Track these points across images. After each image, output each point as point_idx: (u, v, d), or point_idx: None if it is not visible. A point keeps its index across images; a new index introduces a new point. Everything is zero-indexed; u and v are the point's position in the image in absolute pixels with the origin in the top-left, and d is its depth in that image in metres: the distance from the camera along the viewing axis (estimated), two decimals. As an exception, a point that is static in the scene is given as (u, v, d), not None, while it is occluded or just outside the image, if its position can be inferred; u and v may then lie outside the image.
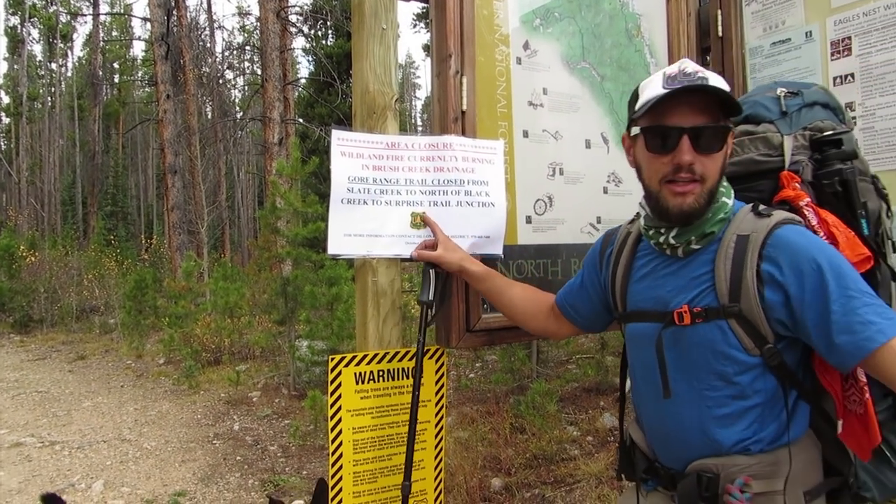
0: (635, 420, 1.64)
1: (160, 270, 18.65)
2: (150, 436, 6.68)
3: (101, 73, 33.54)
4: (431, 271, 1.83)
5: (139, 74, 39.32)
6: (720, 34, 2.45)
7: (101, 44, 33.21)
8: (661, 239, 1.43)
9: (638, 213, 1.56)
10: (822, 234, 1.38)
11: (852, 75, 2.08)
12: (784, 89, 1.63)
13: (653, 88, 1.35)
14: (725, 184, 1.42)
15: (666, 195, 1.36)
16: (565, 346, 7.55)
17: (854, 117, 2.07)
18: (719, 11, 2.45)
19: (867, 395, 1.32)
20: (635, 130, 1.41)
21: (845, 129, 1.56)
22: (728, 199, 1.40)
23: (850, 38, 2.08)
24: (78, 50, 43.16)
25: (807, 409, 1.43)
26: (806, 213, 1.43)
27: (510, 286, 1.84)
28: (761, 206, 1.40)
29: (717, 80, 1.33)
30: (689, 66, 1.34)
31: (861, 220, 1.47)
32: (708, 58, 2.54)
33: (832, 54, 2.13)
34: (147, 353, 11.73)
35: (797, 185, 1.49)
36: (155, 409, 7.80)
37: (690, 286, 1.41)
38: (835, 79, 2.12)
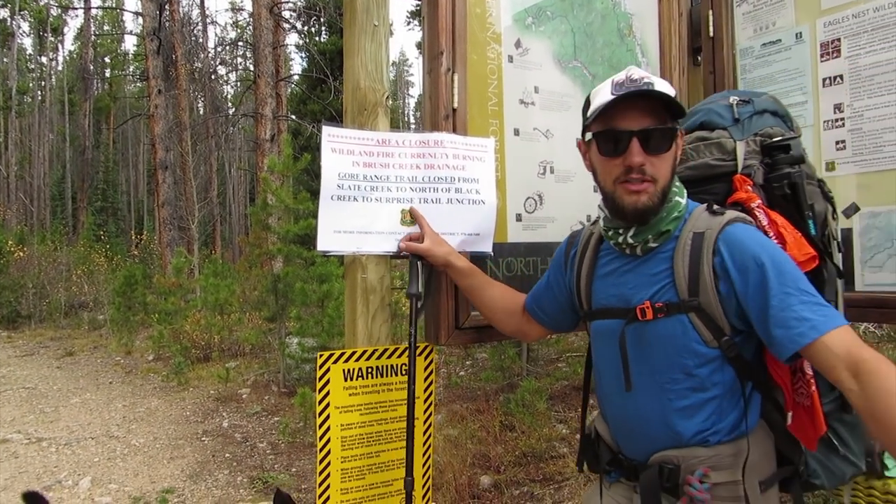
0: (600, 414, 1.69)
1: (150, 266, 18.56)
2: (139, 432, 6.65)
3: (91, 67, 33.29)
4: (419, 264, 1.83)
5: (130, 69, 39.06)
6: (711, 34, 2.46)
7: (93, 38, 32.94)
8: (620, 239, 1.50)
9: (599, 215, 1.62)
10: (771, 234, 1.45)
11: (841, 77, 2.09)
12: (737, 97, 1.71)
13: (602, 95, 1.42)
14: (678, 184, 1.49)
15: (621, 194, 1.43)
16: (555, 345, 7.57)
17: (842, 118, 2.08)
18: (710, 12, 2.46)
19: (813, 388, 1.39)
20: (588, 136, 1.48)
21: (793, 135, 1.64)
22: (681, 199, 1.47)
23: (839, 39, 2.09)
24: (69, 44, 42.91)
25: (760, 401, 1.49)
26: (757, 214, 1.50)
27: (491, 285, 1.87)
28: (715, 206, 1.46)
29: (662, 85, 1.39)
30: (636, 72, 1.41)
31: (808, 221, 1.55)
32: (699, 58, 2.55)
33: (822, 56, 2.14)
34: (136, 349, 11.68)
35: (749, 187, 1.58)
36: (144, 405, 7.77)
37: (651, 283, 1.47)
38: (824, 80, 2.13)
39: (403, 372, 1.95)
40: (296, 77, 23.80)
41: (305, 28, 24.24)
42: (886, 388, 1.15)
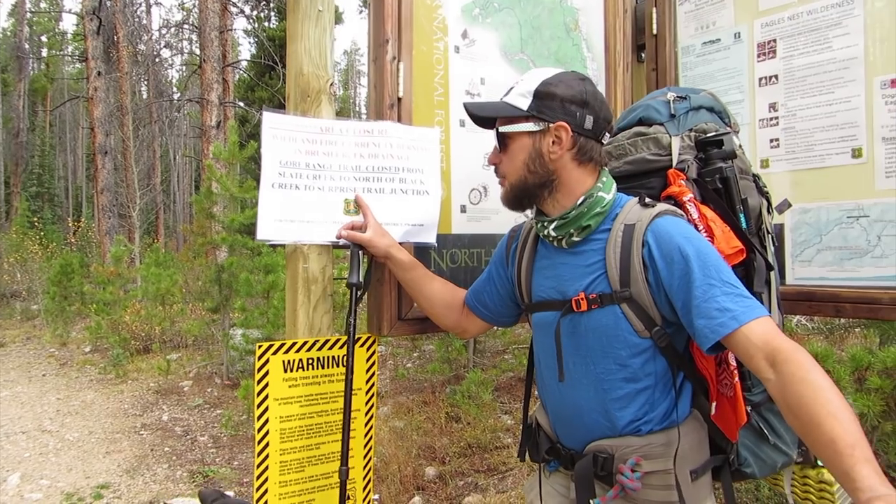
0: (541, 405, 1.73)
1: (88, 255, 17.98)
2: (73, 426, 6.43)
3: (27, 46, 31.89)
4: (359, 253, 1.81)
5: (69, 49, 37.58)
6: (655, 32, 2.50)
7: (28, 15, 31.56)
8: (545, 232, 1.54)
9: None
10: (700, 227, 1.49)
11: (776, 77, 2.15)
12: (674, 94, 1.75)
13: None
14: (605, 179, 1.53)
15: None
16: (502, 337, 7.63)
17: (777, 117, 2.15)
18: (654, 9, 2.50)
19: (736, 379, 1.43)
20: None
21: (726, 131, 1.68)
22: (605, 194, 1.51)
23: (775, 40, 2.16)
24: (2, 20, 40.96)
25: (692, 391, 1.53)
26: (688, 207, 1.54)
27: (431, 279, 1.88)
28: (647, 199, 1.50)
29: (517, 89, 1.54)
30: (521, 77, 1.60)
31: (740, 215, 1.59)
32: (643, 55, 2.59)
33: (758, 56, 2.20)
34: (72, 340, 11.31)
35: (682, 181, 1.62)
36: (79, 398, 7.52)
37: (585, 274, 1.50)
38: (760, 79, 2.19)
39: (345, 363, 1.93)
40: (244, 63, 23.32)
41: (254, 13, 23.74)
42: (800, 376, 1.17)
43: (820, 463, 1.60)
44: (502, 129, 1.55)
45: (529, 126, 1.50)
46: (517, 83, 1.55)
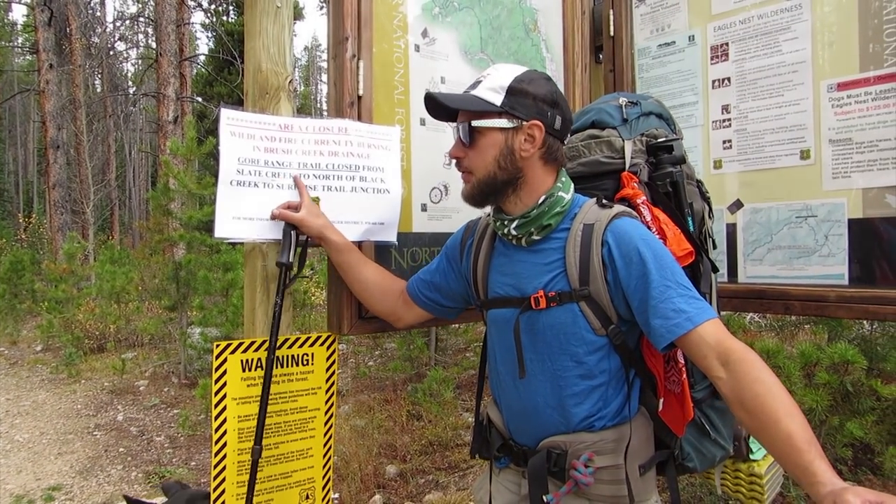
0: (493, 401, 1.74)
1: (39, 252, 17.48)
2: (23, 427, 6.25)
3: (-26, 36, 30.81)
4: (292, 233, 1.78)
5: (19, 41, 36.41)
6: (612, 34, 2.54)
7: (-25, 5, 30.45)
8: (505, 230, 1.56)
9: None
10: (653, 229, 1.54)
11: (729, 79, 2.21)
12: (625, 99, 1.81)
13: None
14: (564, 179, 1.56)
15: None
16: (464, 335, 7.66)
17: (729, 119, 2.21)
18: (611, 11, 2.54)
19: (684, 376, 1.49)
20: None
21: (676, 137, 1.75)
22: (565, 194, 1.53)
23: (727, 44, 2.21)
24: (-53, 10, 39.45)
25: (641, 387, 1.58)
26: (642, 209, 1.59)
27: (366, 263, 1.87)
28: (604, 200, 1.55)
29: (485, 83, 1.52)
30: (486, 71, 1.57)
31: (688, 218, 1.68)
32: (601, 56, 2.63)
33: (712, 58, 2.26)
34: (23, 339, 10.99)
35: (635, 184, 1.67)
36: (29, 398, 7.31)
37: (544, 272, 1.52)
38: (713, 82, 2.25)
39: (304, 362, 1.92)
40: (202, 57, 22.88)
41: (212, 6, 23.31)
42: (754, 375, 1.24)
43: (752, 457, 1.66)
44: (476, 123, 1.52)
45: (503, 122, 1.50)
46: (484, 77, 1.53)
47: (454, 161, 1.59)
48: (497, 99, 1.49)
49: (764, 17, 2.11)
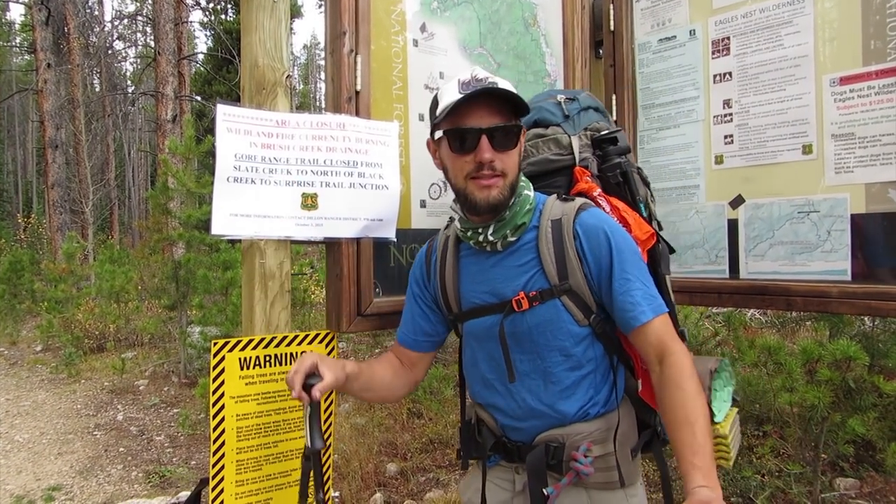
0: (479, 405, 1.73)
1: (39, 252, 17.47)
2: (23, 427, 6.24)
3: (-28, 36, 30.75)
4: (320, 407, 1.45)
5: (17, 40, 36.36)
6: (612, 28, 2.52)
7: (-27, 4, 30.41)
8: (481, 238, 1.54)
9: (451, 217, 1.67)
10: (615, 218, 1.58)
11: (730, 74, 2.19)
12: (563, 95, 1.85)
13: (450, 94, 1.46)
14: (524, 179, 1.57)
15: (473, 190, 1.48)
16: (464, 332, 7.63)
17: (731, 114, 2.19)
18: (612, 6, 2.52)
19: None
20: (438, 134, 1.52)
21: (618, 129, 1.80)
22: (529, 192, 1.55)
23: (729, 38, 2.19)
24: (-55, 9, 39.38)
25: (624, 372, 1.63)
26: (600, 201, 1.63)
27: (372, 368, 1.70)
28: (564, 195, 1.60)
29: (505, 84, 1.46)
30: (481, 72, 1.47)
31: (640, 205, 1.74)
32: (601, 51, 2.61)
33: (713, 53, 2.24)
34: (22, 339, 10.99)
35: (588, 178, 1.71)
36: (29, 398, 7.30)
37: (519, 273, 1.54)
38: (714, 76, 2.23)
39: (303, 360, 1.90)
40: (200, 56, 22.86)
41: (210, 5, 23.29)
42: (677, 382, 1.33)
43: (715, 420, 1.70)
44: (518, 123, 1.49)
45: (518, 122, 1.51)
46: (490, 76, 1.46)
47: (477, 165, 1.44)
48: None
49: (766, 10, 2.10)
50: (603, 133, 1.78)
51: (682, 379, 1.32)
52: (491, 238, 1.52)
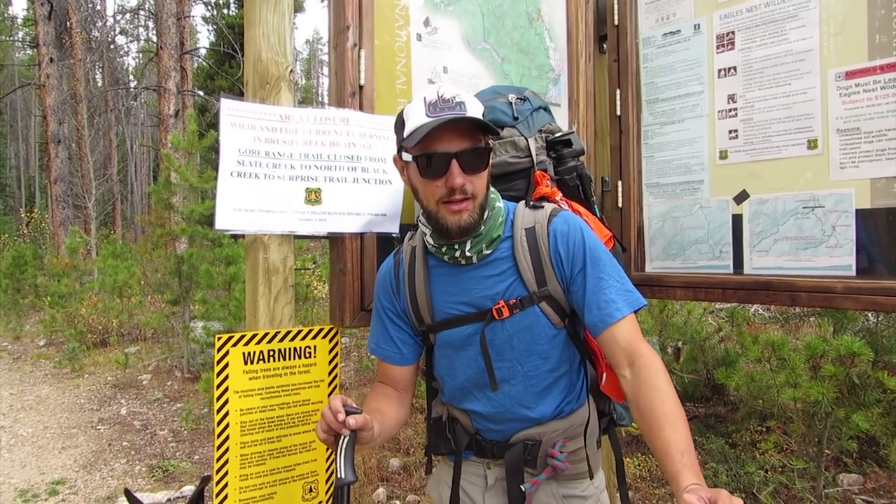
0: (456, 408, 1.70)
1: (42, 247, 17.49)
2: (27, 422, 6.26)
3: (-26, 31, 30.74)
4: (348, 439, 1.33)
5: (19, 35, 36.32)
6: (616, 23, 2.51)
7: (-25, -1, 30.40)
8: (457, 253, 1.51)
9: (415, 228, 1.66)
10: None
11: (735, 68, 2.18)
12: (513, 95, 1.82)
13: (417, 117, 1.40)
14: (494, 191, 1.55)
15: (444, 214, 1.44)
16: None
17: (735, 108, 2.18)
18: (616, 0, 2.51)
19: None
20: (407, 157, 1.47)
21: (571, 131, 1.80)
22: (500, 203, 1.55)
23: (733, 32, 2.18)
24: (-53, 5, 39.35)
25: (588, 368, 1.66)
26: (562, 205, 1.64)
27: (382, 412, 1.58)
28: (532, 202, 1.58)
29: (473, 105, 1.42)
30: (447, 91, 1.41)
31: (595, 206, 1.78)
32: (605, 45, 2.60)
33: (717, 47, 2.23)
34: (25, 334, 11.02)
35: (548, 181, 1.71)
36: (33, 393, 7.32)
37: (496, 283, 1.53)
38: (719, 71, 2.22)
39: (307, 354, 1.90)
40: (202, 51, 22.84)
41: (213, 0, 23.25)
42: (652, 383, 1.32)
43: None
44: (487, 144, 1.45)
45: (488, 143, 1.48)
46: (458, 95, 1.41)
47: (449, 190, 1.40)
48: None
49: (771, 4, 2.08)
50: (557, 135, 1.77)
51: (656, 379, 1.32)
52: (468, 253, 1.49)
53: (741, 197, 2.17)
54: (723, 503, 1.01)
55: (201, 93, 20.50)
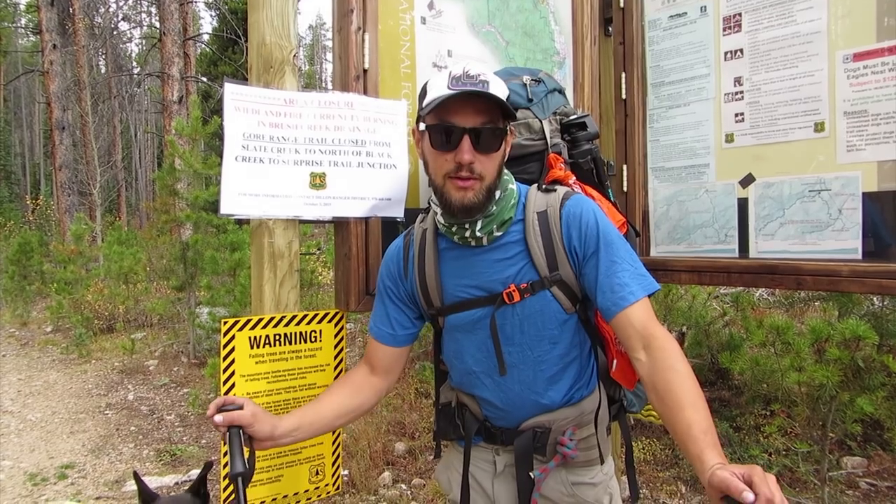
0: (464, 392, 1.70)
1: (47, 233, 17.56)
2: (35, 407, 6.32)
3: (-23, 17, 30.64)
4: (240, 433, 1.42)
5: (22, 21, 36.24)
6: (622, 5, 2.49)
7: (-22, -15, 30.30)
8: (468, 234, 1.49)
9: (427, 208, 1.64)
10: None
11: (741, 51, 2.16)
12: (528, 76, 1.80)
13: (439, 88, 1.39)
14: (507, 173, 1.53)
15: (449, 189, 1.43)
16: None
17: (742, 91, 2.16)
18: (622, -18, 2.49)
19: None
20: (422, 126, 1.46)
21: (586, 114, 1.77)
22: (513, 186, 1.53)
23: (740, 14, 2.16)
24: (-50, -9, 39.23)
25: (598, 354, 1.65)
26: (575, 189, 1.60)
27: (319, 406, 1.61)
28: (544, 185, 1.56)
29: (497, 85, 1.40)
30: (473, 68, 1.40)
31: (609, 191, 1.75)
32: (610, 28, 2.58)
33: (724, 30, 2.21)
34: (33, 320, 11.08)
35: (562, 165, 1.69)
36: (41, 378, 7.38)
37: (507, 266, 1.51)
38: (725, 53, 2.20)
39: (313, 339, 1.91)
40: (205, 36, 22.77)
41: (216, -15, 23.14)
42: (669, 364, 1.30)
43: None
44: (505, 126, 1.43)
45: (509, 126, 1.47)
46: (485, 73, 1.39)
47: (456, 165, 1.39)
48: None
49: (778, -15, 2.06)
50: (572, 118, 1.75)
51: (674, 361, 1.30)
52: (479, 234, 1.47)
53: (747, 180, 2.16)
54: (758, 478, 1.00)
55: (205, 79, 20.46)
